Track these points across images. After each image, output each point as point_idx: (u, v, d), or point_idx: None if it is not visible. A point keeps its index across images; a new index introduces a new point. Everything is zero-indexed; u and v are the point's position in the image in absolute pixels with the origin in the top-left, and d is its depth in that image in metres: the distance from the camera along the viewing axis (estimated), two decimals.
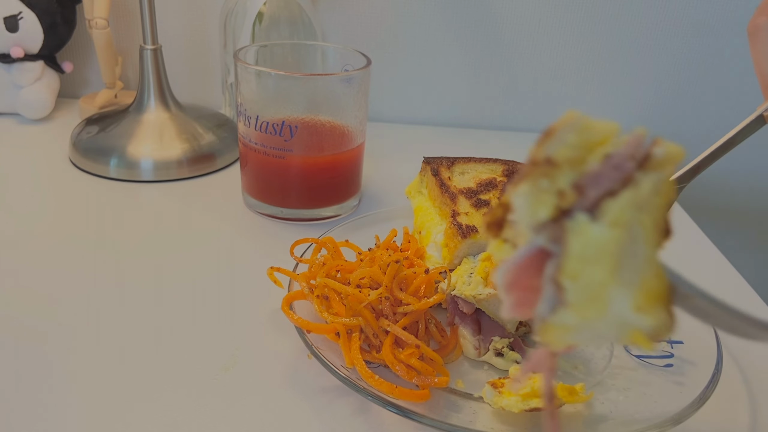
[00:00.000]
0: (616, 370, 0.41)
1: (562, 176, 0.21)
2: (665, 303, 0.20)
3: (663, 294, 0.20)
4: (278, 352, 0.41)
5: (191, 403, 0.37)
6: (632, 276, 0.19)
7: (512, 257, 0.22)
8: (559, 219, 0.21)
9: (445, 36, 0.82)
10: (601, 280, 0.19)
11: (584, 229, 0.20)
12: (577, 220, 0.20)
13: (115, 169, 0.64)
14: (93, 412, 0.35)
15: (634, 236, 0.20)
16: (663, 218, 0.21)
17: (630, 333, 0.20)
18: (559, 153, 0.21)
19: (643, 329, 0.20)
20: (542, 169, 0.21)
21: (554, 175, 0.21)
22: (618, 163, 0.21)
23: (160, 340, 0.42)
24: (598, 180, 0.21)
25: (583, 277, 0.20)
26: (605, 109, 0.86)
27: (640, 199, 0.20)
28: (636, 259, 0.20)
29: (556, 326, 0.21)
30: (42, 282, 0.47)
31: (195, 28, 0.82)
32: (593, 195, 0.20)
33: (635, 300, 0.19)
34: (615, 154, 0.21)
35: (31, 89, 0.74)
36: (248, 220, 0.57)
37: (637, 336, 0.20)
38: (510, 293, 0.23)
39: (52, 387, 0.37)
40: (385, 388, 0.35)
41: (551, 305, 0.21)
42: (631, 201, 0.20)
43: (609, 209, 0.20)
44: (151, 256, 0.51)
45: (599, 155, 0.21)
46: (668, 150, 0.21)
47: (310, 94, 0.54)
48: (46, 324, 0.42)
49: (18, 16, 0.71)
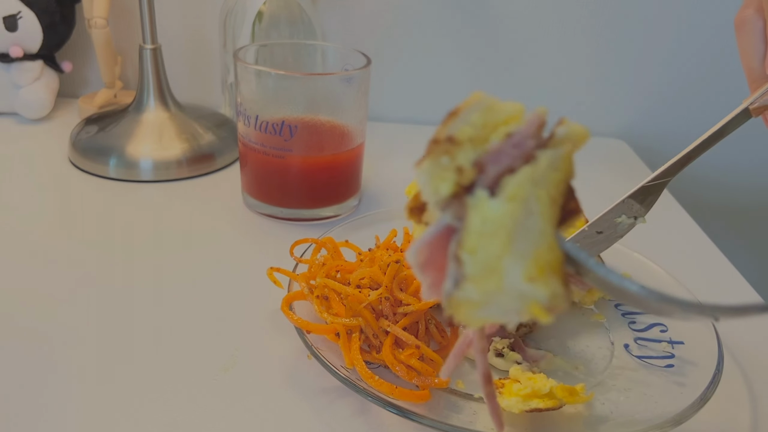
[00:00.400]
0: (617, 370, 0.41)
1: (463, 154, 0.22)
2: (557, 274, 0.21)
3: (555, 265, 0.21)
4: (278, 352, 0.41)
5: (191, 403, 0.36)
6: (526, 248, 0.20)
7: (421, 236, 0.22)
8: (461, 196, 0.21)
9: (445, 35, 0.82)
10: (496, 253, 0.20)
11: (483, 204, 0.20)
12: (477, 196, 0.21)
13: (114, 169, 0.64)
14: (91, 412, 0.35)
15: (530, 210, 0.20)
16: (560, 192, 0.21)
17: (528, 305, 0.21)
18: (460, 131, 0.22)
19: (539, 300, 0.21)
20: (443, 147, 0.22)
21: (455, 153, 0.22)
22: (518, 141, 0.22)
23: (159, 339, 0.42)
24: (498, 157, 0.21)
25: (481, 250, 0.20)
26: (608, 106, 0.86)
27: (537, 175, 0.21)
28: (530, 232, 0.20)
29: (461, 301, 0.21)
30: (41, 281, 0.47)
31: (194, 27, 0.82)
32: (494, 172, 0.21)
33: (527, 270, 0.20)
34: (516, 133, 0.22)
35: (31, 89, 0.74)
36: (248, 220, 0.57)
37: (535, 308, 0.21)
38: (425, 274, 0.23)
39: (50, 387, 0.37)
40: (385, 389, 0.35)
41: (454, 280, 0.21)
42: (528, 177, 0.20)
43: (507, 185, 0.20)
44: (150, 256, 0.51)
45: (501, 134, 0.22)
46: (570, 129, 0.22)
47: (310, 94, 0.54)
48: (45, 323, 0.42)
49: (17, 15, 0.71)
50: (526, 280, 0.20)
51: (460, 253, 0.20)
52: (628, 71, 0.83)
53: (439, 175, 0.22)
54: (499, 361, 0.40)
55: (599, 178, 0.74)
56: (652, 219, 0.66)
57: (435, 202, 0.22)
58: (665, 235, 0.62)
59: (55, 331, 0.42)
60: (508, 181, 0.20)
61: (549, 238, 0.21)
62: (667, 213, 0.67)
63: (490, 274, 0.20)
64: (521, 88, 0.84)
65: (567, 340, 0.43)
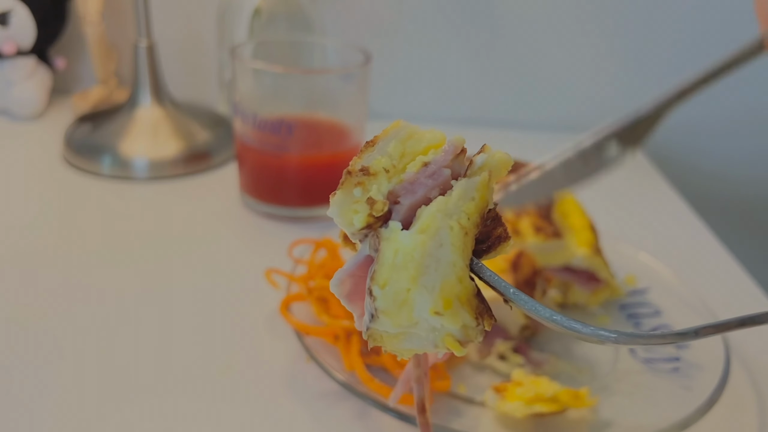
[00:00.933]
0: (622, 374, 0.40)
1: (377, 185, 0.22)
2: (467, 306, 0.21)
3: (464, 297, 0.21)
4: (276, 354, 0.40)
5: (187, 407, 0.36)
6: (434, 280, 0.20)
7: (343, 267, 0.23)
8: (376, 227, 0.21)
9: (446, 31, 0.81)
10: (405, 286, 0.20)
11: (394, 236, 0.21)
12: (390, 228, 0.21)
13: (109, 168, 0.63)
14: (86, 415, 0.35)
15: (441, 242, 0.20)
16: (474, 223, 0.21)
17: (443, 338, 0.21)
18: (375, 162, 0.22)
19: (453, 333, 0.21)
20: (356, 179, 0.22)
21: (368, 184, 0.22)
22: (433, 171, 0.22)
23: (155, 342, 0.41)
24: (413, 188, 0.22)
25: (391, 283, 0.20)
26: (614, 102, 0.85)
27: (450, 206, 0.21)
28: (440, 263, 0.20)
29: (379, 333, 0.21)
30: (35, 282, 0.46)
31: (191, 24, 0.81)
32: (408, 203, 0.21)
33: (434, 303, 0.20)
34: (432, 162, 0.22)
35: (23, 86, 0.73)
36: (245, 219, 0.57)
37: (449, 340, 0.21)
38: (352, 304, 0.23)
39: (46, 390, 0.36)
40: (385, 393, 0.35)
41: (370, 314, 0.21)
42: (440, 208, 0.21)
43: (420, 216, 0.21)
44: (145, 254, 0.50)
45: (418, 164, 0.22)
46: (490, 157, 0.22)
47: (309, 92, 0.53)
48: (38, 326, 0.41)
49: (9, 11, 0.70)
50: (433, 313, 0.20)
51: (372, 286, 0.21)
52: (639, 65, 0.82)
53: (351, 208, 0.22)
54: (502, 364, 0.40)
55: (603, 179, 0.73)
56: (656, 216, 0.65)
57: (351, 234, 0.22)
58: (669, 232, 0.62)
59: (48, 331, 0.41)
60: (422, 213, 0.21)
61: (459, 269, 0.21)
62: (670, 209, 0.66)
63: (400, 308, 0.20)
64: (526, 83, 0.84)
65: (571, 344, 0.43)
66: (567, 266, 0.44)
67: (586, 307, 0.46)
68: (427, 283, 0.20)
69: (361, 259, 0.22)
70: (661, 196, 0.70)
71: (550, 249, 0.43)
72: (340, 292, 0.23)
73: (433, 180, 0.22)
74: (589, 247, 0.44)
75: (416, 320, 0.21)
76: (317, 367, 0.36)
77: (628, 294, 0.47)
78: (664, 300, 0.46)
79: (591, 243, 0.44)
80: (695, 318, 0.43)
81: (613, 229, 0.52)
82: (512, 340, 0.41)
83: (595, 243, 0.45)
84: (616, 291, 0.45)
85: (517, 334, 0.41)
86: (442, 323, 0.20)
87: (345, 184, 0.22)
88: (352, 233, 0.22)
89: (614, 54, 0.81)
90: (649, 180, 0.74)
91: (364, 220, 0.21)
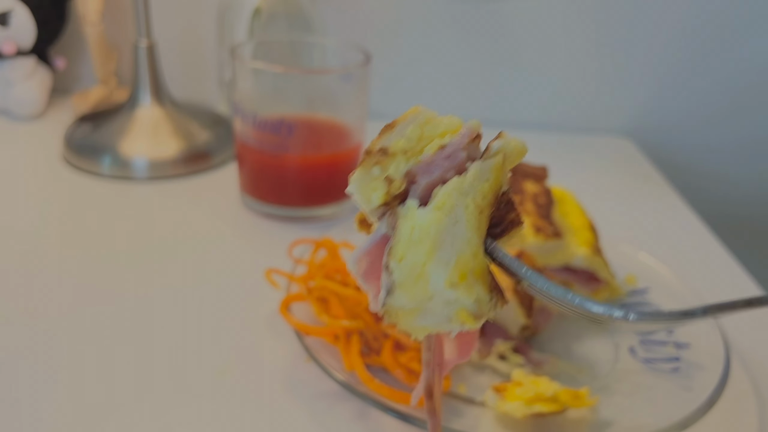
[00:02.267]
0: (622, 373, 0.40)
1: (395, 165, 0.23)
2: (482, 280, 0.22)
3: (479, 272, 0.21)
4: (275, 354, 0.40)
5: (186, 407, 0.36)
6: (449, 255, 0.21)
7: (360, 246, 0.23)
8: (394, 206, 0.22)
9: (447, 31, 0.81)
10: (421, 260, 0.21)
11: (411, 213, 0.22)
12: (407, 206, 0.22)
13: (109, 168, 0.63)
14: (85, 416, 0.35)
15: (456, 219, 0.21)
16: (488, 202, 0.22)
17: (456, 311, 0.22)
18: (394, 143, 0.23)
19: (466, 307, 0.21)
20: (375, 158, 0.23)
21: (386, 164, 0.22)
22: (450, 152, 0.23)
23: (155, 342, 0.41)
24: (430, 168, 0.22)
25: (407, 258, 0.21)
26: (612, 102, 0.85)
27: (466, 185, 0.22)
28: (456, 239, 0.21)
29: (395, 310, 0.22)
30: (34, 282, 0.46)
31: (190, 24, 0.81)
32: (425, 182, 0.22)
33: (449, 276, 0.21)
34: (449, 145, 0.23)
35: (24, 86, 0.73)
36: (245, 219, 0.57)
37: (463, 314, 0.21)
38: (368, 284, 0.23)
39: (45, 391, 0.36)
40: (385, 393, 0.34)
41: (386, 289, 0.22)
42: (456, 187, 0.22)
43: (436, 195, 0.22)
44: (145, 255, 0.50)
45: (435, 146, 0.23)
46: (506, 142, 0.23)
47: (309, 92, 0.53)
48: (37, 325, 0.41)
49: (9, 11, 0.70)
50: (448, 285, 0.21)
51: (389, 261, 0.21)
52: (637, 67, 0.82)
53: (370, 185, 0.22)
54: (502, 364, 0.40)
55: (602, 179, 0.73)
56: (657, 217, 0.65)
57: (369, 212, 0.23)
58: (668, 232, 0.62)
59: (47, 332, 0.41)
60: (438, 192, 0.22)
61: (474, 245, 0.21)
62: (669, 209, 0.66)
63: (416, 281, 0.21)
64: (523, 83, 0.84)
65: (571, 344, 0.43)
66: (567, 266, 0.44)
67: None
68: (442, 257, 0.21)
69: (378, 238, 0.23)
70: (661, 196, 0.70)
71: (551, 249, 0.43)
72: (357, 270, 0.23)
73: (449, 161, 0.22)
74: (589, 247, 0.44)
75: (432, 294, 0.21)
76: (317, 366, 0.36)
77: (628, 294, 0.47)
78: (664, 299, 0.46)
79: (591, 243, 0.44)
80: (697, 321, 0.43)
81: (612, 229, 0.52)
82: (512, 341, 0.41)
83: (595, 243, 0.45)
84: (616, 291, 0.45)
85: (517, 333, 0.41)
86: (456, 296, 0.21)
87: (364, 163, 0.22)
88: (370, 211, 0.22)
89: (615, 56, 0.81)
90: (648, 180, 0.74)
91: (382, 198, 0.22)
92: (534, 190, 0.47)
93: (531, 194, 0.46)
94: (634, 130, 0.86)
